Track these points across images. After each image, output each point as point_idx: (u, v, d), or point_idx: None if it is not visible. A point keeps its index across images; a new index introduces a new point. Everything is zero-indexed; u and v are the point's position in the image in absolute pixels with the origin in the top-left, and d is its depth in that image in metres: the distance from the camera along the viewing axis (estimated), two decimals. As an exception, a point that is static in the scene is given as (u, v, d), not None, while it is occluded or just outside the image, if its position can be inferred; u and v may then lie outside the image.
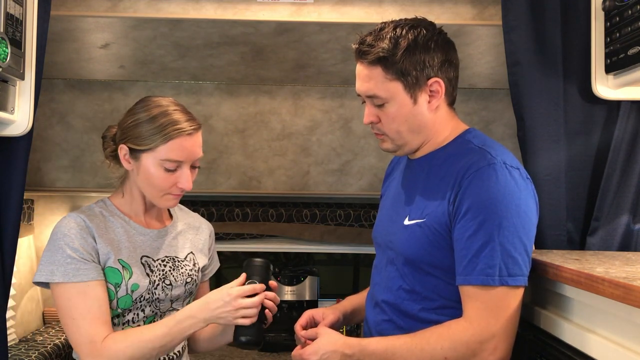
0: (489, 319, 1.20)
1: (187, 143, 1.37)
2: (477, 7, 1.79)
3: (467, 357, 1.21)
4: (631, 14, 1.40)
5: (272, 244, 2.63)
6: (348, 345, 1.27)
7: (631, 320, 1.02)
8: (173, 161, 1.36)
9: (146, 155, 1.36)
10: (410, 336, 1.26)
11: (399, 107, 1.32)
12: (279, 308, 2.44)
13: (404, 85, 1.30)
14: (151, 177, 1.38)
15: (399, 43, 1.29)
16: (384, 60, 1.29)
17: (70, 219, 1.38)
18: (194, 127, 1.38)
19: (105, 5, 1.76)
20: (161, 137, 1.34)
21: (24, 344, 2.08)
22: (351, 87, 2.37)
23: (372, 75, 1.32)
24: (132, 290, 1.38)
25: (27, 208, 2.28)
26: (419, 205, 1.35)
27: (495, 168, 1.24)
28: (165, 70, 2.26)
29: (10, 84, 1.43)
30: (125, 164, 1.41)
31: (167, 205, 1.44)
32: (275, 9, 1.78)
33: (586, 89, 1.58)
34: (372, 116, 1.36)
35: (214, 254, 1.65)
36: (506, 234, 1.21)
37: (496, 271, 1.20)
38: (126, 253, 1.41)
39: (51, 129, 2.40)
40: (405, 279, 1.35)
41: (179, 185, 1.39)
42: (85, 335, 1.32)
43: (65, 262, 1.33)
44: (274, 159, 2.49)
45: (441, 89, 1.32)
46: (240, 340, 1.32)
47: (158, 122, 1.35)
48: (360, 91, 1.36)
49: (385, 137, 1.37)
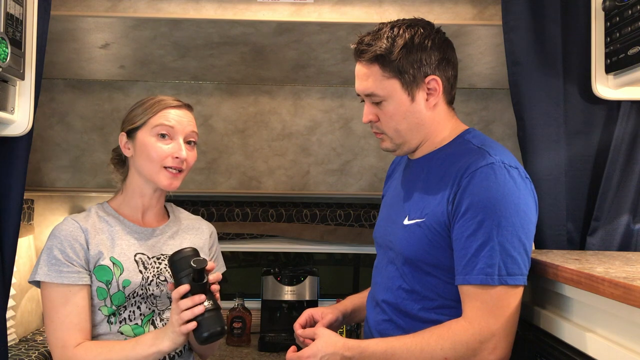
0: (489, 319, 1.20)
1: (176, 112, 1.47)
2: (477, 7, 1.79)
3: (467, 356, 1.21)
4: (631, 14, 1.40)
5: (272, 244, 2.63)
6: (347, 347, 1.27)
7: (631, 320, 1.02)
8: (165, 126, 1.44)
9: (141, 131, 1.46)
10: (410, 337, 1.26)
11: (397, 105, 1.33)
12: (279, 308, 2.44)
13: (401, 82, 1.31)
14: (147, 148, 1.44)
15: (396, 41, 1.31)
16: (381, 58, 1.31)
17: (64, 223, 1.44)
18: (179, 103, 1.49)
19: (105, 5, 1.76)
20: (151, 112, 1.46)
21: (24, 344, 2.08)
22: (351, 87, 2.37)
23: (370, 73, 1.33)
24: (123, 286, 1.41)
25: (27, 208, 2.28)
26: (418, 205, 1.35)
27: (494, 168, 1.24)
28: (165, 70, 2.26)
29: (10, 84, 1.43)
30: (125, 151, 1.49)
31: (165, 183, 1.45)
32: (275, 9, 1.78)
33: (586, 89, 1.59)
34: (371, 115, 1.37)
35: (219, 256, 1.66)
36: (505, 233, 1.21)
37: (495, 270, 1.20)
38: (118, 250, 1.43)
39: (51, 129, 2.40)
40: (405, 278, 1.35)
41: (174, 155, 1.44)
42: (59, 339, 1.37)
43: (50, 262, 1.38)
44: (274, 159, 2.49)
45: (439, 87, 1.33)
46: (203, 337, 1.30)
47: (147, 103, 1.49)
48: (359, 90, 1.37)
49: (385, 136, 1.39)
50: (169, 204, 1.63)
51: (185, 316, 1.28)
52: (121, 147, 1.50)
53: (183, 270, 1.31)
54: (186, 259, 1.31)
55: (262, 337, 2.38)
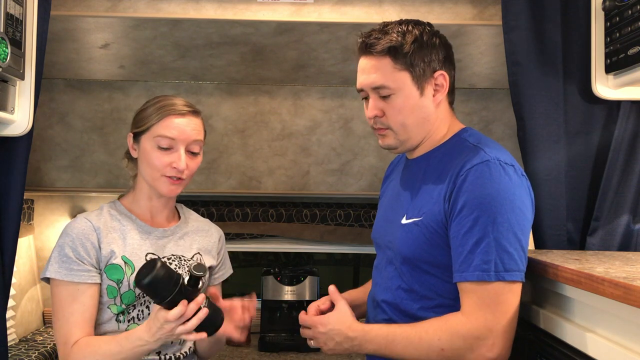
0: (486, 314, 1.21)
1: (179, 121, 1.44)
2: (477, 7, 1.79)
3: (464, 350, 1.22)
4: (631, 14, 1.40)
5: (272, 244, 2.63)
6: (352, 329, 1.33)
7: (631, 320, 1.02)
8: (165, 137, 1.42)
9: (144, 137, 1.45)
10: (411, 325, 1.28)
11: (406, 98, 1.33)
12: (279, 308, 2.44)
13: (412, 76, 1.32)
14: (147, 156, 1.44)
15: (406, 36, 1.32)
16: (393, 50, 1.31)
17: (77, 221, 1.45)
18: (188, 109, 1.46)
19: (105, 5, 1.76)
20: (156, 116, 1.43)
21: (24, 344, 2.08)
22: (351, 87, 2.37)
23: (380, 65, 1.33)
24: (134, 285, 1.41)
25: (27, 208, 2.28)
26: (415, 204, 1.35)
27: (489, 165, 1.25)
28: (165, 70, 2.26)
29: (10, 84, 1.43)
30: (132, 152, 1.50)
31: (166, 190, 1.46)
32: (275, 9, 1.78)
33: (586, 89, 1.58)
34: (377, 110, 1.35)
35: (226, 259, 1.67)
36: (501, 229, 1.21)
37: (492, 266, 1.20)
38: (130, 250, 1.44)
39: (51, 129, 2.39)
40: (404, 278, 1.35)
41: (173, 165, 1.43)
42: (62, 336, 1.38)
43: (62, 260, 1.39)
44: (274, 159, 2.49)
45: (446, 83, 1.35)
46: (215, 328, 1.33)
47: (155, 106, 1.45)
48: (365, 84, 1.36)
49: (389, 131, 1.37)
50: (180, 205, 1.64)
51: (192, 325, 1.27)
52: (129, 147, 1.51)
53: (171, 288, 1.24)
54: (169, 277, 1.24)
55: (262, 337, 2.38)
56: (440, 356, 1.23)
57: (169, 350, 1.47)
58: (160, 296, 1.23)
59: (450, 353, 1.22)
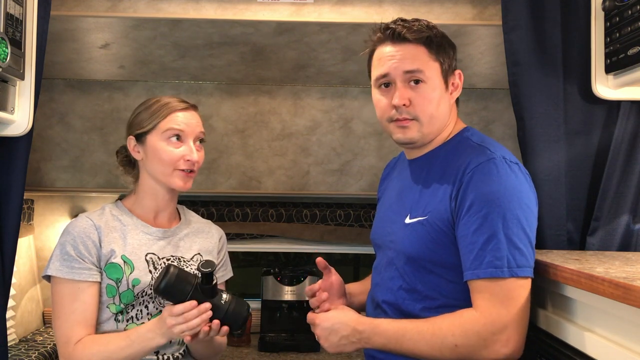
0: (500, 310, 1.20)
1: (184, 115, 1.49)
2: (477, 7, 1.79)
3: (479, 346, 1.21)
4: (631, 14, 1.40)
5: (272, 244, 2.62)
6: (360, 322, 1.31)
7: (631, 320, 1.02)
8: (175, 129, 1.46)
9: (151, 136, 1.47)
10: (422, 320, 1.27)
11: (434, 89, 1.34)
12: (279, 308, 2.44)
13: (441, 68, 1.34)
14: (159, 152, 1.46)
15: (434, 30, 1.35)
16: (428, 40, 1.32)
17: (78, 220, 1.46)
18: (187, 104, 1.51)
19: (105, 5, 1.76)
20: (160, 116, 1.46)
21: (24, 344, 2.08)
22: (351, 87, 2.37)
23: (416, 52, 1.33)
24: (133, 285, 1.42)
25: (27, 208, 2.28)
26: (420, 203, 1.35)
27: (496, 163, 1.26)
28: (165, 70, 2.26)
29: (10, 84, 1.43)
30: (135, 155, 1.50)
31: (180, 184, 1.47)
32: (275, 9, 1.78)
33: (586, 89, 1.58)
34: (405, 99, 1.32)
35: (227, 261, 1.67)
36: (510, 225, 1.22)
37: (505, 263, 1.20)
38: (130, 249, 1.45)
39: (51, 129, 2.39)
40: (406, 278, 1.35)
41: (186, 158, 1.46)
42: (63, 335, 1.38)
43: (63, 258, 1.40)
44: (274, 159, 2.49)
45: (460, 83, 1.39)
46: (241, 320, 1.37)
47: (154, 107, 1.48)
48: (395, 68, 1.32)
49: (414, 122, 1.34)
50: (181, 206, 1.64)
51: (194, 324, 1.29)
52: (130, 150, 1.51)
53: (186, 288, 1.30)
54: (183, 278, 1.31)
55: (262, 337, 2.38)
56: (454, 352, 1.22)
57: (168, 350, 1.47)
58: (177, 299, 1.29)
59: (464, 349, 1.21)
